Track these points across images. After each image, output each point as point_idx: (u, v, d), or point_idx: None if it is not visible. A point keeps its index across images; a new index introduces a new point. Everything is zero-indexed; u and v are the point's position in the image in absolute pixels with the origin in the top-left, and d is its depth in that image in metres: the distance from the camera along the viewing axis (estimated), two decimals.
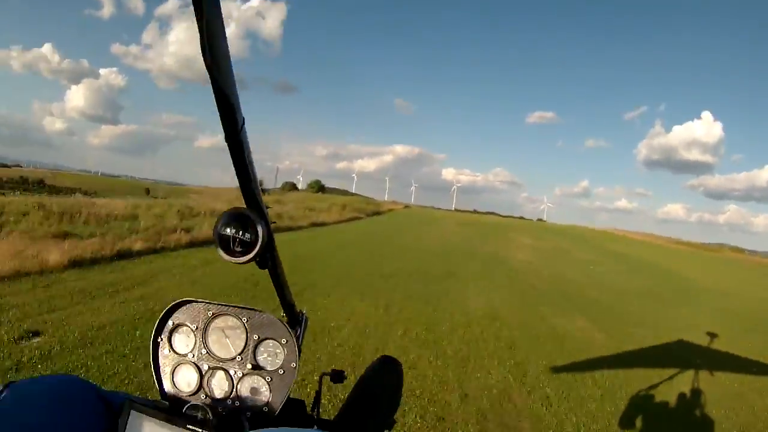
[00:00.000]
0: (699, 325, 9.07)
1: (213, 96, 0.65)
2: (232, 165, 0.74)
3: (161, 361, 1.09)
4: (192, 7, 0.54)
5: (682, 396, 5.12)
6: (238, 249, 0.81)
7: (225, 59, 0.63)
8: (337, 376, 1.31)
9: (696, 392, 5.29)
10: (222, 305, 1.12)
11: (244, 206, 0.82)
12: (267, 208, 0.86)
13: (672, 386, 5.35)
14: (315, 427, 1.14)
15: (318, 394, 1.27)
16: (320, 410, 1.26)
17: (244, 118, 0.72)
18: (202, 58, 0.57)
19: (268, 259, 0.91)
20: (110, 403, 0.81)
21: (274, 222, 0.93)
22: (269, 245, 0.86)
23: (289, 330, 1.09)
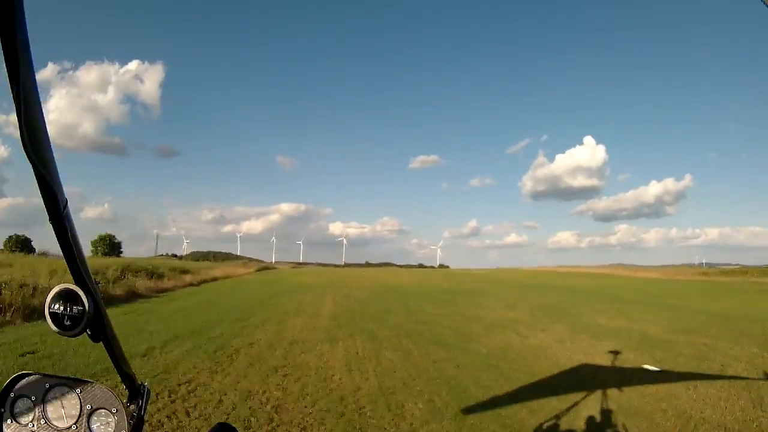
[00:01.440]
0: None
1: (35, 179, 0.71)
2: (59, 246, 0.82)
3: (5, 430, 1.18)
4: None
5: None
6: (67, 323, 0.89)
7: (44, 143, 0.68)
8: None
9: None
10: (57, 377, 1.19)
11: (72, 283, 0.90)
12: (96, 283, 0.94)
13: None
14: None
15: None
16: None
17: (66, 200, 0.78)
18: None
19: (100, 331, 0.97)
20: None
21: (103, 296, 0.98)
22: (98, 318, 0.93)
23: (119, 400, 1.15)
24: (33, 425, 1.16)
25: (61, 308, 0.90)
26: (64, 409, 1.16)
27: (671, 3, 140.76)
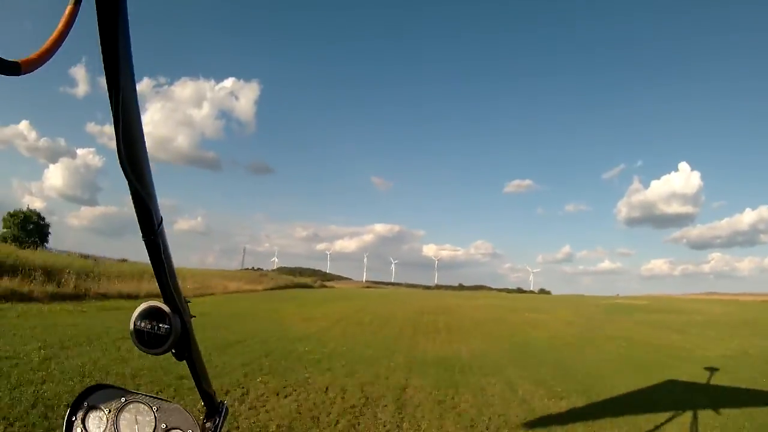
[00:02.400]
0: None
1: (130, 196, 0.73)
2: (150, 262, 0.84)
3: None
4: None
5: None
6: (152, 341, 0.91)
7: (143, 159, 0.69)
8: None
9: None
10: (135, 393, 1.21)
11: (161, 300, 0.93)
12: (187, 302, 0.99)
13: None
14: None
15: None
16: None
17: (162, 217, 0.80)
18: (117, 153, 0.64)
19: (184, 350, 1.00)
20: None
21: (194, 316, 1.03)
22: (184, 338, 0.96)
23: (196, 421, 1.17)
24: None
25: (147, 326, 0.91)
26: (137, 425, 1.17)
27: None
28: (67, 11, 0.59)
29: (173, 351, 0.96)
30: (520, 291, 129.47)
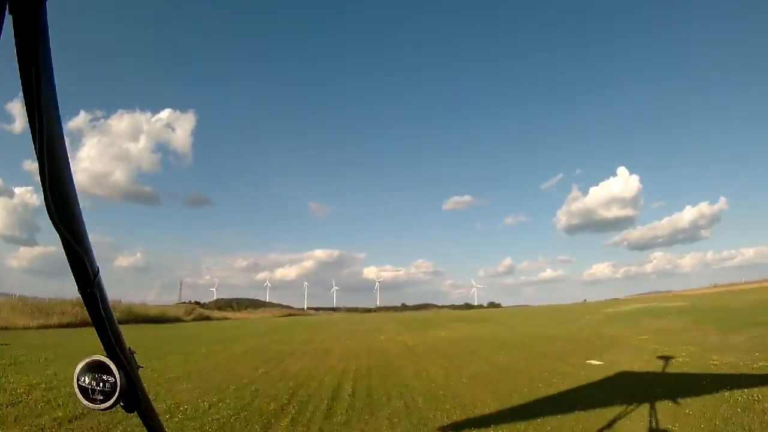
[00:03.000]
0: None
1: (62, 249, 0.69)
2: (88, 314, 0.81)
3: None
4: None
5: None
6: (99, 397, 0.88)
7: (73, 210, 0.65)
8: None
9: None
10: None
11: (104, 354, 0.89)
12: (132, 353, 0.96)
13: None
14: None
15: None
16: None
17: (98, 268, 0.78)
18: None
19: (133, 402, 0.96)
20: None
21: (141, 366, 1.01)
22: (131, 390, 0.92)
23: None
24: None
25: (92, 382, 0.88)
26: None
27: (696, 25, 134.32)
28: None
29: (121, 404, 0.91)
30: (468, 306, 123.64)
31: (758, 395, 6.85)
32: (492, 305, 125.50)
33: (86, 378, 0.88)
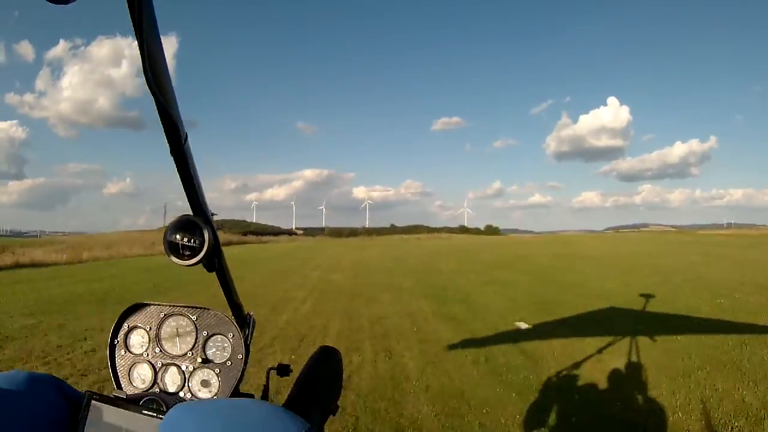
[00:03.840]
0: None
1: (157, 113, 0.73)
2: (179, 177, 0.85)
3: (118, 361, 1.19)
4: (131, 31, 0.61)
5: None
6: (186, 253, 0.91)
7: (165, 77, 0.71)
8: (283, 370, 1.36)
9: None
10: (173, 305, 1.24)
11: (190, 214, 0.93)
12: (213, 215, 0.98)
13: None
14: None
15: (266, 387, 1.30)
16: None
17: (186, 133, 0.83)
18: (141, 80, 0.65)
19: (215, 262, 1.00)
20: (71, 397, 0.87)
21: (220, 228, 0.85)
22: (215, 249, 0.96)
23: (236, 325, 1.20)
24: (147, 354, 1.18)
25: (181, 238, 0.92)
26: (179, 337, 1.20)
27: None
28: None
29: (204, 263, 0.95)
30: (464, 229, 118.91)
31: None
32: (490, 230, 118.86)
33: (176, 235, 0.91)
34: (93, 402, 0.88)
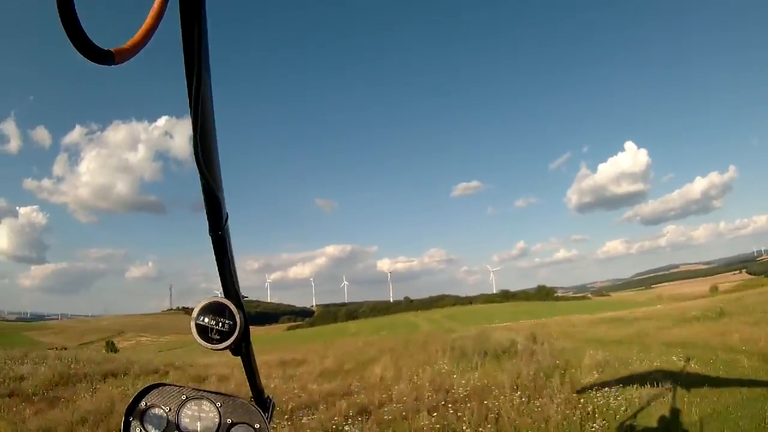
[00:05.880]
0: None
1: (201, 192, 0.77)
2: (214, 257, 0.89)
3: None
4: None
5: None
6: (216, 337, 0.94)
7: (214, 155, 0.74)
8: None
9: None
10: (195, 389, 1.20)
11: (222, 296, 0.96)
12: (244, 297, 1.00)
13: None
14: None
15: None
16: None
17: (227, 214, 0.84)
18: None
19: (242, 347, 1.04)
20: None
21: (246, 297, 1.02)
22: (245, 334, 0.99)
23: (263, 415, 1.17)
24: None
25: (210, 321, 0.94)
26: (200, 422, 1.16)
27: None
28: (156, 4, 0.61)
29: (232, 347, 0.97)
30: (506, 296, 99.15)
31: None
32: (543, 292, 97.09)
33: (205, 317, 0.94)
34: None
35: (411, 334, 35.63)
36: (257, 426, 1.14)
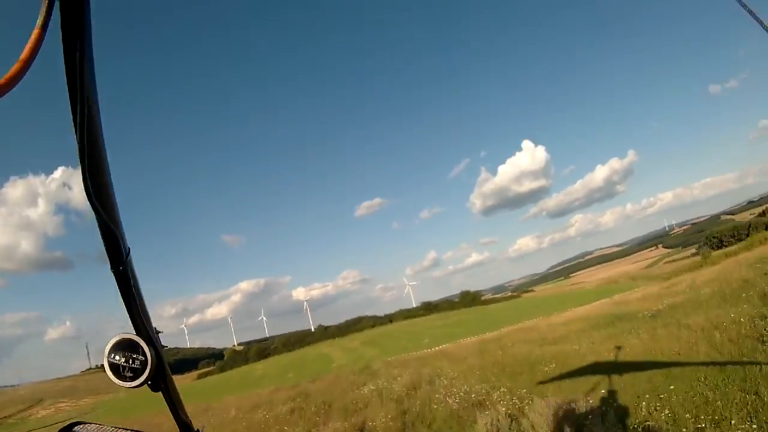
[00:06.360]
0: None
1: (97, 228, 0.74)
2: (120, 295, 0.88)
3: None
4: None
5: None
6: (128, 374, 0.92)
7: (108, 189, 0.72)
8: None
9: None
10: (116, 428, 1.14)
11: (132, 333, 0.94)
12: (157, 333, 0.99)
13: None
14: None
15: None
16: None
17: (129, 248, 0.84)
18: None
19: (160, 381, 1.01)
20: None
21: (165, 346, 1.04)
22: (159, 368, 0.97)
23: None
24: None
25: (122, 359, 0.91)
26: None
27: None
28: (33, 36, 0.60)
29: (149, 383, 0.95)
30: (429, 308, 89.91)
31: None
32: (469, 297, 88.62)
33: (117, 356, 0.91)
34: None
35: (321, 372, 32.34)
36: None
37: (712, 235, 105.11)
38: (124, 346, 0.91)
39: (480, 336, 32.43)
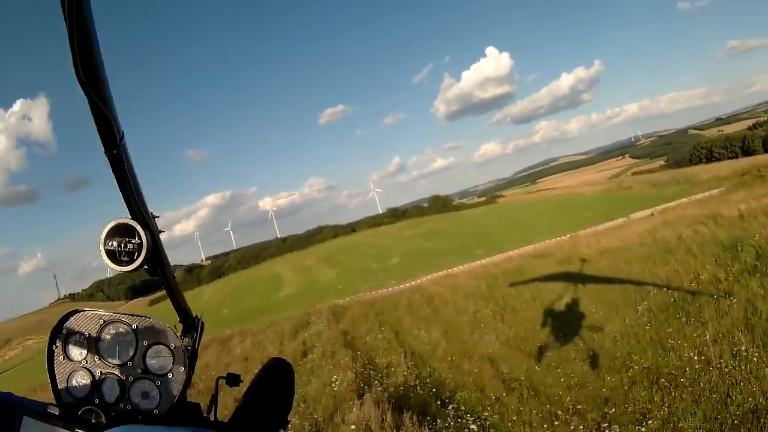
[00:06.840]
0: None
1: (89, 112, 0.71)
2: (114, 179, 0.84)
3: (56, 368, 1.12)
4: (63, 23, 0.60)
5: None
6: (125, 258, 0.91)
7: (99, 71, 0.69)
8: (233, 380, 1.29)
9: None
10: (113, 313, 1.17)
11: (129, 218, 0.91)
12: (154, 217, 0.97)
13: None
14: (207, 428, 1.13)
15: (214, 397, 1.24)
16: (217, 413, 1.23)
17: (123, 132, 0.80)
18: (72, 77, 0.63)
19: (157, 266, 1.00)
20: (3, 410, 0.88)
21: (162, 231, 1.01)
22: (156, 252, 0.96)
23: (177, 335, 1.14)
24: (86, 361, 1.13)
25: (118, 243, 0.90)
26: (119, 345, 1.15)
27: None
28: None
29: (146, 267, 0.95)
30: (396, 215, 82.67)
31: None
32: (440, 203, 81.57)
33: (113, 241, 0.90)
34: (25, 418, 0.92)
35: (265, 303, 31.13)
36: (173, 346, 1.12)
37: (700, 146, 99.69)
38: (120, 231, 0.90)
39: (476, 261, 23.85)
